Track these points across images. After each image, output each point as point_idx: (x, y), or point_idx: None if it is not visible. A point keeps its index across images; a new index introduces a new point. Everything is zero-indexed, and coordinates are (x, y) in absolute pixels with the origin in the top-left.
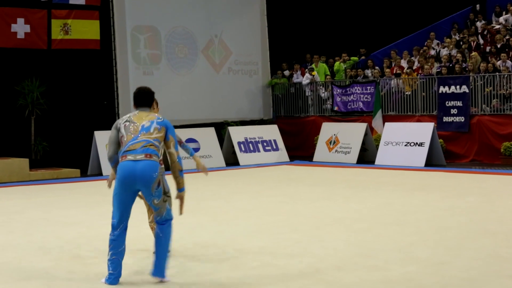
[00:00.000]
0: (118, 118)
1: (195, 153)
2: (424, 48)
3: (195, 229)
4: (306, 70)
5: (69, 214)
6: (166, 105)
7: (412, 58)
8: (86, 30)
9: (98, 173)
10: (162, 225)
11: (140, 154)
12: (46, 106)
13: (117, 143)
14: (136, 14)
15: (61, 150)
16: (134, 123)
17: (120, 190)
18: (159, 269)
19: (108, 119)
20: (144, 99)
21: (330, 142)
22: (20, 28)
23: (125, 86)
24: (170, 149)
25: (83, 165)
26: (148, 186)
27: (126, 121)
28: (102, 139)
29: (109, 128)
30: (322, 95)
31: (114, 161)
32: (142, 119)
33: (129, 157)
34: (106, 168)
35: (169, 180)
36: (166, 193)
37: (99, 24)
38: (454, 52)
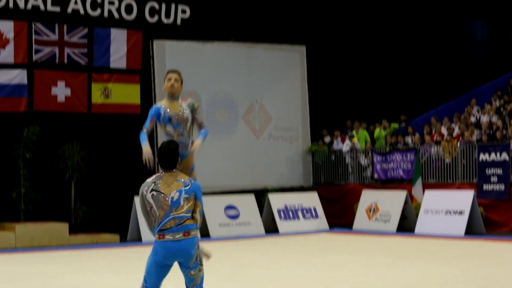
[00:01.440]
0: None
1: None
2: (465, 114)
3: None
4: (347, 136)
5: (107, 280)
6: (206, 170)
7: (453, 124)
8: (127, 94)
9: (137, 239)
10: None
11: (178, 233)
12: (86, 170)
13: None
14: None
15: (100, 215)
16: (162, 194)
17: (158, 265)
18: None
19: None
20: (169, 160)
21: (370, 210)
22: (61, 91)
23: None
24: (195, 214)
25: (122, 230)
26: (187, 262)
27: (153, 190)
28: None
29: None
30: (362, 162)
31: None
32: (170, 187)
33: (168, 237)
34: (145, 233)
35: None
36: (201, 263)
37: (140, 88)
38: (494, 118)
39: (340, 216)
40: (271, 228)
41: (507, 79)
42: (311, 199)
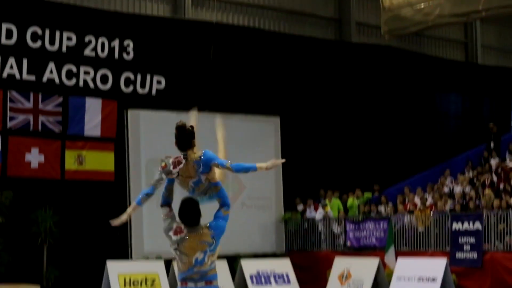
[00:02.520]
0: (131, 250)
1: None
2: (438, 185)
3: None
4: (320, 205)
5: None
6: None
7: (426, 194)
8: (101, 161)
9: None
10: None
11: (201, 282)
12: (59, 235)
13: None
14: (151, 146)
15: (73, 279)
16: (186, 256)
17: None
18: None
19: (120, 249)
20: (191, 218)
21: (342, 277)
22: (34, 158)
23: (139, 218)
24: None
25: None
26: None
27: (176, 248)
28: (114, 268)
29: (121, 257)
30: (335, 230)
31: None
32: (194, 249)
33: (190, 284)
34: None
35: None
36: None
37: (114, 156)
38: (467, 189)
39: (312, 283)
40: None
41: (480, 151)
42: (284, 265)
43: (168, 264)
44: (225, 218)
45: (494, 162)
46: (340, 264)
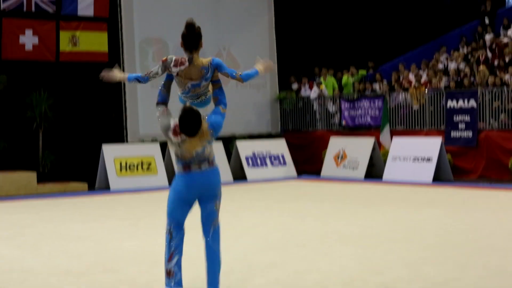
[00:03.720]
0: (126, 131)
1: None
2: (433, 61)
3: (201, 244)
4: (314, 83)
5: (76, 228)
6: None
7: (420, 71)
8: (94, 42)
9: (105, 187)
10: (214, 241)
11: (203, 163)
12: (54, 119)
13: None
14: (144, 26)
15: (69, 163)
16: (186, 151)
17: (181, 199)
18: (215, 283)
19: (116, 132)
20: (192, 130)
21: (338, 157)
22: (28, 39)
23: (133, 98)
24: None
25: (90, 178)
26: (214, 191)
27: (177, 149)
28: (109, 152)
29: (116, 141)
30: (330, 109)
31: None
32: (194, 146)
33: (194, 168)
34: (114, 181)
35: None
36: (221, 197)
37: (108, 36)
38: (462, 65)
39: (308, 163)
40: (239, 175)
41: (474, 26)
42: (279, 146)
43: (163, 147)
44: (222, 115)
45: (488, 37)
46: (336, 144)
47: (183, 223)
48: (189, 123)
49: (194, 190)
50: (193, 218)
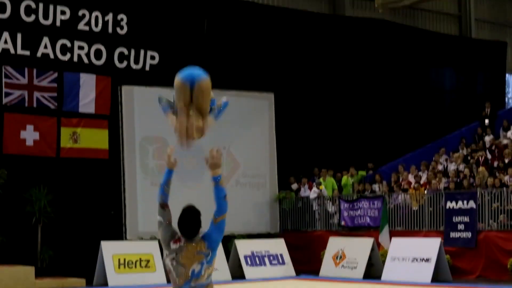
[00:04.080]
0: (125, 228)
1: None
2: (432, 163)
3: None
4: (314, 184)
5: None
6: (174, 217)
7: (420, 173)
8: (95, 139)
9: (103, 283)
10: None
11: None
12: (53, 214)
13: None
14: (145, 124)
15: (67, 259)
16: (182, 266)
17: None
18: None
19: (114, 229)
20: (192, 230)
21: (337, 257)
22: (29, 135)
23: (133, 196)
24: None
25: (89, 274)
26: None
27: (173, 259)
28: (108, 248)
29: (115, 238)
30: (329, 209)
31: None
32: (191, 259)
33: None
34: (112, 278)
35: None
36: None
37: (108, 133)
38: (462, 167)
39: (307, 263)
40: (237, 274)
41: (474, 127)
42: (278, 246)
43: None
44: (220, 228)
45: (488, 139)
46: (335, 244)
47: None
48: (190, 222)
49: None
50: None
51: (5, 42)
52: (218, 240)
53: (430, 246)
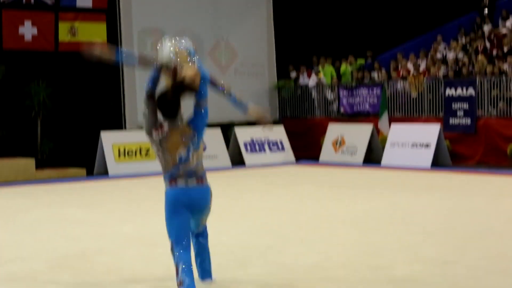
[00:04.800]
0: (124, 118)
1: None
2: (431, 51)
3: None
4: (313, 72)
5: (74, 213)
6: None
7: (419, 60)
8: (93, 32)
9: (103, 173)
10: (204, 234)
11: (190, 178)
12: (52, 107)
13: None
14: (142, 16)
15: (67, 150)
16: (168, 153)
17: (175, 213)
18: (209, 271)
19: (114, 119)
20: (170, 107)
21: (336, 143)
22: (28, 30)
23: (131, 87)
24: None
25: (89, 164)
26: (202, 211)
27: (159, 146)
28: (108, 138)
29: (115, 128)
30: (329, 97)
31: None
32: (176, 145)
33: (180, 183)
34: (112, 167)
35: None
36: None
37: (106, 26)
38: (460, 55)
39: (306, 149)
40: (237, 161)
41: (473, 17)
42: (278, 132)
43: None
44: (203, 113)
45: (487, 28)
46: (334, 130)
47: (183, 239)
48: (169, 101)
49: (181, 207)
50: None
51: None
52: (203, 123)
53: (430, 131)
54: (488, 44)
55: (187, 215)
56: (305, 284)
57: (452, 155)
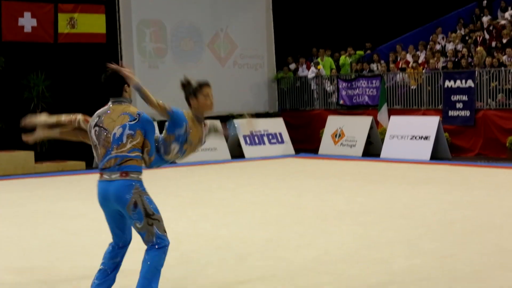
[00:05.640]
0: None
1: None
2: (430, 43)
3: (199, 221)
4: (312, 63)
5: (73, 207)
6: (171, 98)
7: (418, 52)
8: (92, 24)
9: None
10: (150, 251)
11: (115, 172)
12: (51, 99)
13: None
14: (141, 8)
15: (66, 143)
16: (105, 130)
17: (103, 210)
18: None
19: None
20: (111, 87)
21: (336, 135)
22: (27, 22)
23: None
24: (142, 155)
25: (88, 157)
26: (123, 209)
27: (96, 125)
28: None
29: None
30: (328, 88)
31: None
32: (114, 121)
33: (105, 176)
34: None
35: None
36: (149, 216)
37: (105, 18)
38: (459, 47)
39: (306, 142)
40: (237, 153)
41: (471, 8)
42: (277, 125)
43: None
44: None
45: (486, 19)
46: (333, 122)
47: (120, 237)
48: (109, 78)
49: (103, 200)
50: None
51: None
52: (151, 123)
53: (429, 124)
54: (487, 36)
55: (118, 217)
56: (305, 278)
57: (452, 147)
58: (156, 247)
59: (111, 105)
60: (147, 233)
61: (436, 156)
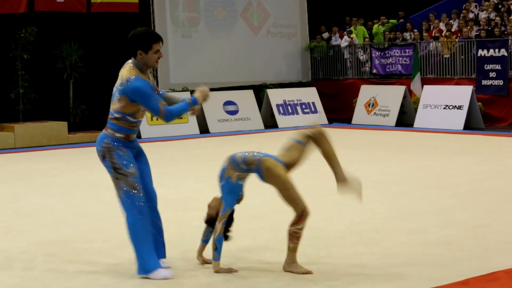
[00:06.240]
0: (157, 80)
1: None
2: (463, 11)
3: None
4: (345, 32)
5: (106, 177)
6: (204, 67)
7: (451, 21)
8: None
9: (136, 136)
10: (125, 212)
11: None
12: (84, 69)
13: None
14: None
15: (99, 113)
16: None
17: None
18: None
19: None
20: (128, 48)
21: (369, 105)
22: None
23: (164, 49)
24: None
25: None
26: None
27: None
28: None
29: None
30: (361, 57)
31: (169, 109)
32: (117, 80)
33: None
34: (145, 130)
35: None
36: (116, 170)
37: None
38: (493, 15)
39: (339, 111)
40: (270, 123)
41: None
42: (310, 94)
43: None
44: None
45: None
46: (367, 92)
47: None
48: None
49: None
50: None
51: None
52: (135, 90)
53: (462, 93)
54: None
55: None
56: (339, 248)
57: (485, 116)
58: (125, 206)
59: (125, 64)
60: (116, 188)
61: (469, 125)
